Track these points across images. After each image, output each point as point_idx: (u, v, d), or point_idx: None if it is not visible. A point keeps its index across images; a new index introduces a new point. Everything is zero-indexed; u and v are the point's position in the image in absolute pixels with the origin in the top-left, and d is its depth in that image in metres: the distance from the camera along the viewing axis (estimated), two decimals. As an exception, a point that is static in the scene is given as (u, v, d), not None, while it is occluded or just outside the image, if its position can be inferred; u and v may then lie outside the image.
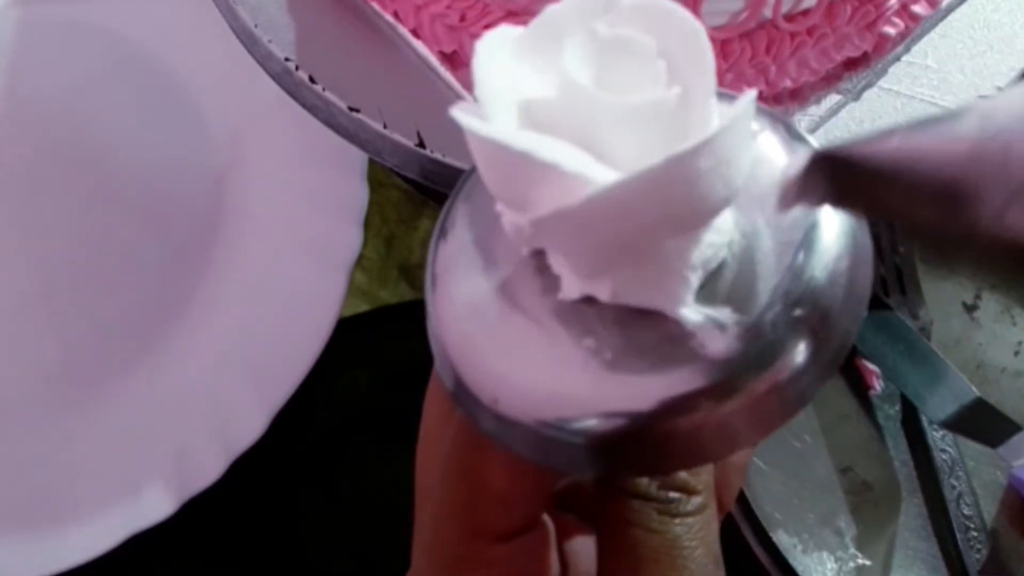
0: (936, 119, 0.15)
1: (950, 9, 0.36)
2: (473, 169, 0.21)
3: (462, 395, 0.19)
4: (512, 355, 0.19)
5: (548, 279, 0.19)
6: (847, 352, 0.19)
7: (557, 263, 0.19)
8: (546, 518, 0.22)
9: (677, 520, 0.21)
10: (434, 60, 0.34)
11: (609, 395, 0.18)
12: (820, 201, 0.18)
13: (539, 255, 0.19)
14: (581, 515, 0.24)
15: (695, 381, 0.18)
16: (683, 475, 0.21)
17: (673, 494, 0.21)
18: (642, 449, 0.18)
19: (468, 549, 0.21)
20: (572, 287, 0.19)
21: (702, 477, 0.21)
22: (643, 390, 0.18)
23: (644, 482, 0.21)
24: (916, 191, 0.15)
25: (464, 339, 0.19)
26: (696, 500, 0.21)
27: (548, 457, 0.19)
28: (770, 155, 0.19)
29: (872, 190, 0.16)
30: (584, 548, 0.23)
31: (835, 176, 0.17)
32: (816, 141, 0.20)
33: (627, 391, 0.18)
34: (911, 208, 0.16)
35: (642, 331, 0.18)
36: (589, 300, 0.18)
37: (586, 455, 0.18)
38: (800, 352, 0.18)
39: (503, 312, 0.19)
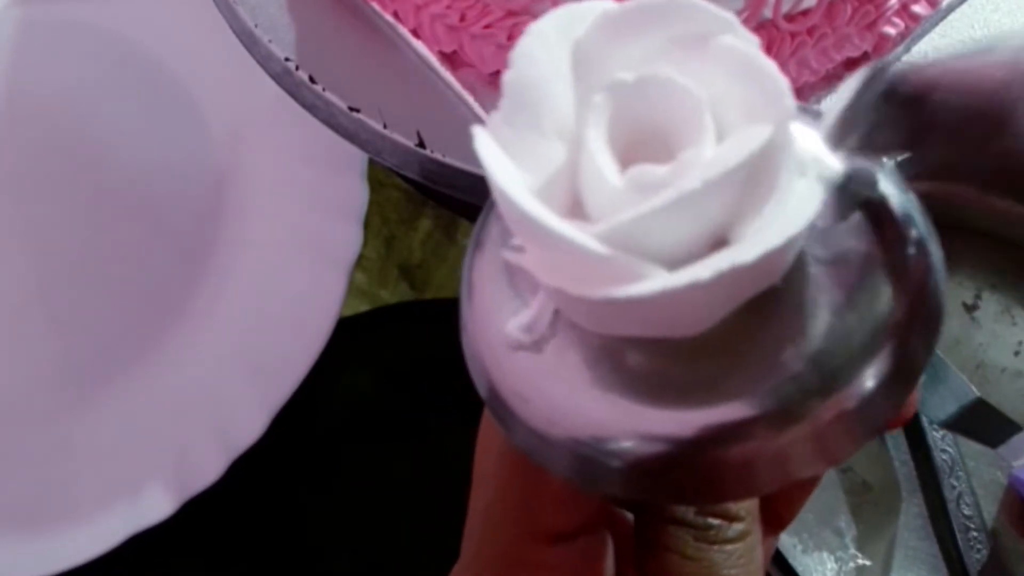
0: (974, 49, 0.15)
1: (950, 9, 0.36)
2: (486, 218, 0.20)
3: (496, 405, 0.18)
4: (547, 370, 0.17)
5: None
6: (921, 374, 0.17)
7: None
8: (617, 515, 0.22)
9: (716, 547, 0.20)
10: (434, 60, 0.34)
11: (650, 418, 0.17)
12: (871, 129, 0.17)
13: None
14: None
15: (748, 408, 0.16)
16: None
17: (713, 520, 0.20)
18: (685, 477, 0.17)
19: (523, 550, 0.20)
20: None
21: (745, 503, 0.20)
22: (689, 415, 0.16)
23: (682, 508, 0.20)
24: (964, 106, 0.15)
25: (498, 351, 0.18)
26: (738, 527, 0.20)
27: (583, 477, 0.18)
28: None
29: (923, 107, 0.16)
30: None
31: (887, 95, 0.16)
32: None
33: (671, 415, 0.16)
34: (959, 126, 0.15)
35: (689, 357, 0.17)
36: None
37: (623, 478, 0.17)
38: (870, 377, 0.16)
39: (538, 341, 0.18)
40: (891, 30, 0.35)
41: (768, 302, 0.16)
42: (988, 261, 0.46)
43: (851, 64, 0.35)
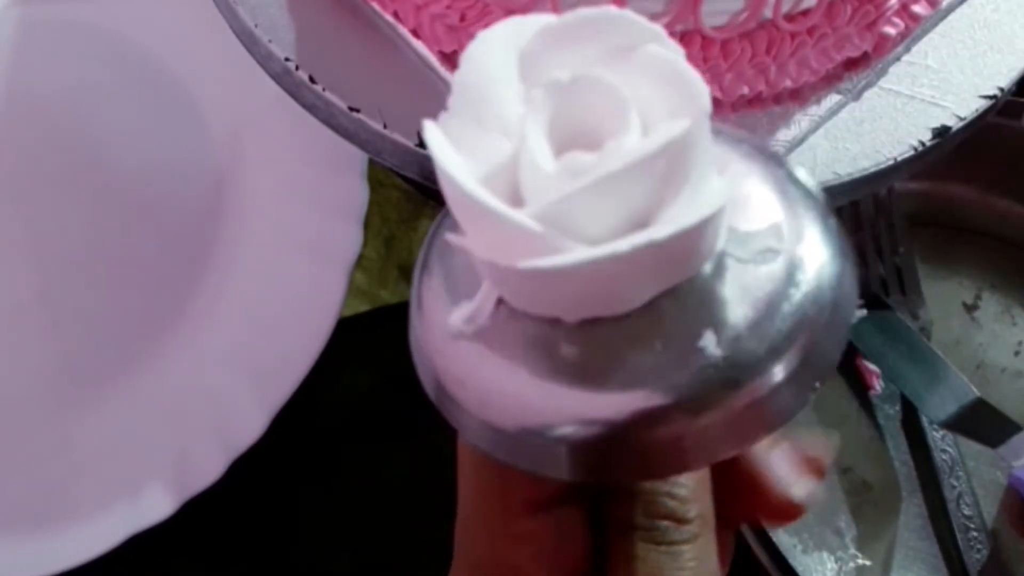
0: None
1: (950, 9, 0.36)
2: (441, 220, 0.22)
3: (446, 405, 0.20)
4: (489, 362, 0.19)
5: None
6: (831, 371, 0.19)
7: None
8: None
9: (663, 547, 0.20)
10: (434, 60, 0.34)
11: (580, 403, 0.18)
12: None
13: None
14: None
15: (666, 395, 0.18)
16: (671, 504, 0.21)
17: (660, 522, 0.21)
18: (622, 456, 0.18)
19: (500, 523, 0.21)
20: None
21: (694, 506, 0.21)
22: (614, 400, 0.18)
23: (631, 510, 0.21)
24: None
25: (445, 352, 0.20)
26: (687, 529, 0.21)
27: (535, 464, 0.19)
28: (756, 198, 0.20)
29: None
30: None
31: None
32: (813, 179, 0.20)
33: (599, 399, 0.18)
34: None
35: (617, 345, 0.18)
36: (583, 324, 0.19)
37: (567, 462, 0.19)
38: (778, 372, 0.18)
39: (479, 332, 0.19)
40: (891, 30, 0.35)
41: (688, 295, 0.18)
42: (988, 261, 0.46)
43: (851, 64, 0.35)
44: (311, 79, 0.34)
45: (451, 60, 0.34)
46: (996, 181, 0.46)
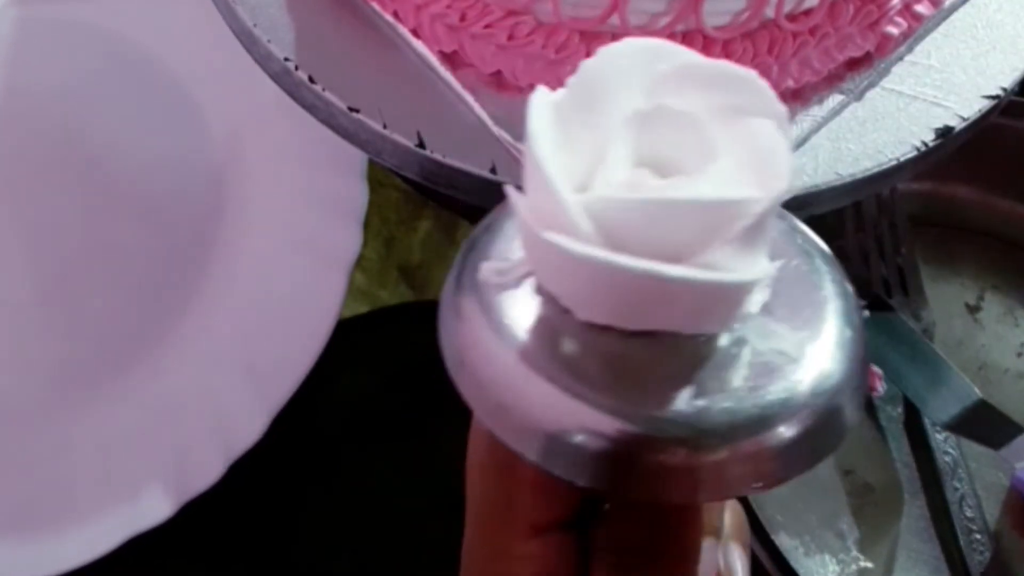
0: None
1: (953, 9, 0.36)
2: (475, 237, 0.22)
3: (477, 400, 0.21)
4: (510, 356, 0.20)
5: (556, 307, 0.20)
6: (831, 450, 0.19)
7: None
8: None
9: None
10: (434, 60, 0.34)
11: (601, 419, 0.19)
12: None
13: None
14: None
15: (677, 429, 0.18)
16: (640, 535, 0.21)
17: (628, 553, 0.21)
18: (626, 473, 0.19)
19: (503, 544, 0.22)
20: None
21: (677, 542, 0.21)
22: (633, 423, 0.18)
23: (609, 534, 0.21)
24: None
25: (476, 346, 0.20)
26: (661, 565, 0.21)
27: (548, 463, 0.19)
28: (791, 295, 0.20)
29: None
30: None
31: None
32: (821, 240, 0.21)
33: (617, 420, 0.18)
34: None
35: (618, 359, 0.19)
36: (595, 328, 0.19)
37: (577, 468, 0.19)
38: (770, 440, 0.19)
39: (517, 335, 0.20)
40: (894, 30, 0.34)
41: (693, 346, 0.19)
42: (991, 262, 0.46)
43: (854, 64, 0.35)
44: (311, 79, 0.34)
45: (451, 60, 0.34)
46: (999, 181, 0.46)
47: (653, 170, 0.19)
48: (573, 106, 0.19)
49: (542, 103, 0.19)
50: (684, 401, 0.18)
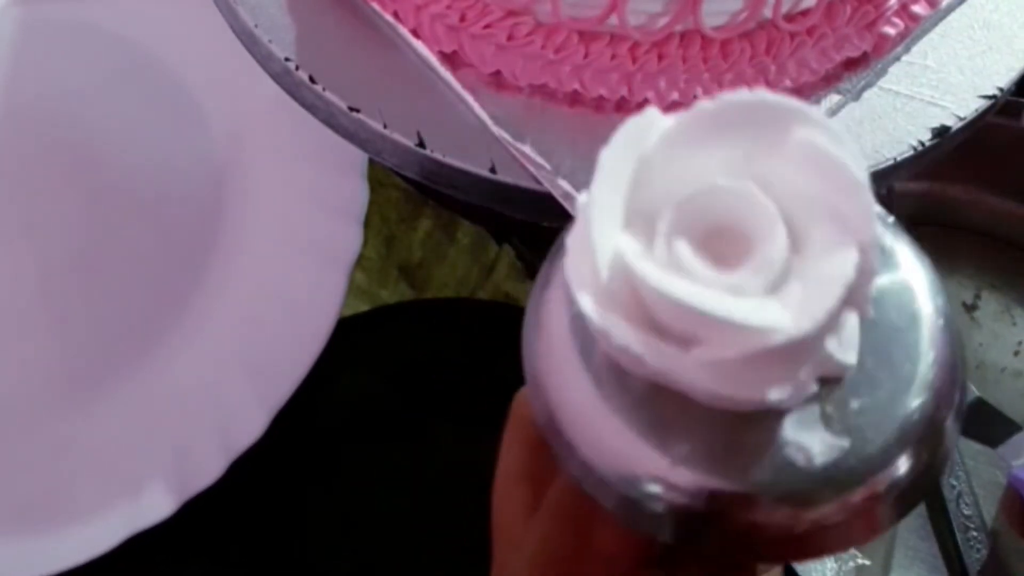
0: None
1: (950, 9, 0.36)
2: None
3: (552, 433, 0.19)
4: (596, 404, 0.18)
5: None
6: (949, 458, 0.19)
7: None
8: None
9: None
10: (434, 60, 0.34)
11: (687, 476, 0.18)
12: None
13: None
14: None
15: (785, 484, 0.17)
16: None
17: None
18: (721, 533, 0.18)
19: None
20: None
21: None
22: (724, 480, 0.18)
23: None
24: None
25: (562, 382, 0.19)
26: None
27: (626, 514, 0.19)
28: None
29: None
30: None
31: None
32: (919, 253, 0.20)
33: (707, 478, 0.18)
34: None
35: (734, 424, 0.18)
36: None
37: (659, 523, 0.18)
38: (902, 467, 0.18)
39: (598, 370, 0.19)
40: (891, 30, 0.35)
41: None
42: (988, 261, 0.46)
43: (851, 64, 0.35)
44: (311, 79, 0.34)
45: (451, 60, 0.34)
46: (995, 181, 0.46)
47: (721, 245, 0.17)
48: (672, 143, 0.18)
49: (636, 129, 0.17)
50: (779, 459, 0.17)
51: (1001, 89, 0.35)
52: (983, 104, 0.34)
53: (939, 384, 0.18)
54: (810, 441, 0.18)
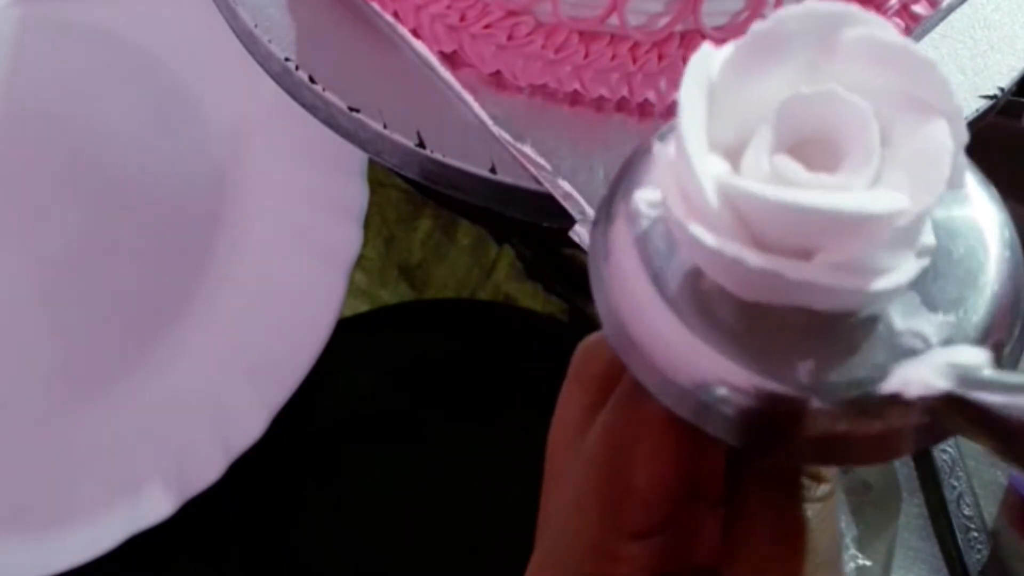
0: None
1: (950, 9, 0.36)
2: (631, 159, 0.21)
3: (626, 348, 0.20)
4: (664, 315, 0.19)
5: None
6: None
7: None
8: None
9: (806, 505, 0.21)
10: (434, 60, 0.34)
11: (738, 374, 0.18)
12: (942, 428, 0.18)
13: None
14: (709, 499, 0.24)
15: (814, 395, 0.18)
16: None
17: (804, 480, 0.21)
18: (783, 437, 0.18)
19: (604, 543, 0.22)
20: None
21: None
22: (774, 385, 0.18)
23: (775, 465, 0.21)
24: None
25: (631, 302, 0.20)
26: (824, 488, 0.21)
27: (699, 419, 0.19)
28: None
29: (994, 436, 0.17)
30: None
31: (965, 414, 0.17)
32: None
33: (758, 380, 0.18)
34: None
35: (777, 330, 0.18)
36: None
37: (732, 427, 0.19)
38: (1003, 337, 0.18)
39: (674, 289, 0.19)
40: (891, 30, 0.35)
41: (853, 327, 0.18)
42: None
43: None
44: (311, 79, 0.34)
45: (451, 60, 0.34)
46: (996, 181, 0.46)
47: (805, 156, 0.18)
48: (736, 69, 0.18)
49: (700, 64, 0.18)
50: (897, 351, 0.18)
51: (1002, 89, 0.35)
52: (984, 104, 0.34)
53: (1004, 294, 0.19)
54: (920, 325, 0.18)
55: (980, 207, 0.21)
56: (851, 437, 0.18)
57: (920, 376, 0.18)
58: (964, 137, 0.18)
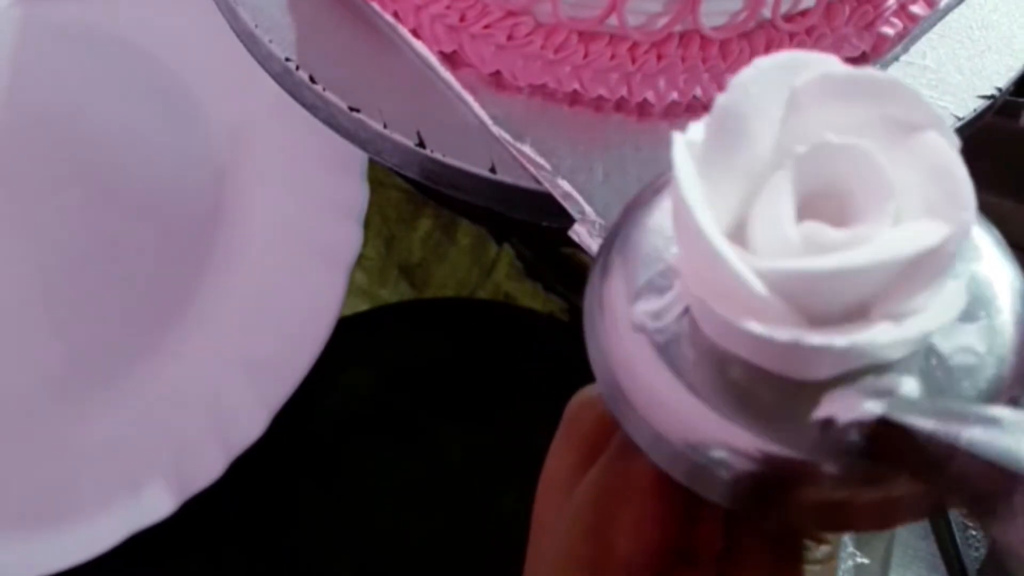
0: (1007, 429, 0.15)
1: (948, 9, 0.36)
2: (628, 211, 0.21)
3: (617, 400, 0.20)
4: (662, 369, 0.19)
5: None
6: None
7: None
8: None
9: (807, 566, 0.21)
10: (434, 60, 0.34)
11: (741, 436, 0.18)
12: (864, 448, 0.18)
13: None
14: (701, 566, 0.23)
15: (821, 460, 0.17)
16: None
17: (806, 540, 0.21)
18: (780, 502, 0.18)
19: None
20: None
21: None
22: (772, 446, 0.17)
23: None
24: (962, 488, 0.16)
25: (625, 348, 0.19)
26: (825, 549, 0.21)
27: (692, 480, 0.19)
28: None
29: (922, 465, 0.16)
30: None
31: (897, 442, 0.17)
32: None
33: (758, 440, 0.18)
34: (948, 491, 0.16)
35: (789, 400, 0.18)
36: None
37: (727, 490, 0.18)
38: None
39: (660, 330, 0.19)
40: (889, 30, 0.35)
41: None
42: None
43: (850, 64, 0.35)
44: (311, 79, 0.34)
45: (451, 60, 0.34)
46: (994, 181, 0.46)
47: (823, 216, 0.17)
48: (715, 147, 0.18)
49: (683, 148, 0.17)
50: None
51: (1000, 89, 0.35)
52: (982, 104, 0.35)
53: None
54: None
55: (991, 261, 0.20)
56: (852, 503, 0.18)
57: (851, 400, 0.17)
58: (956, 142, 0.17)
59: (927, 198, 0.17)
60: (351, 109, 0.34)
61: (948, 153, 0.17)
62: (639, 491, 0.21)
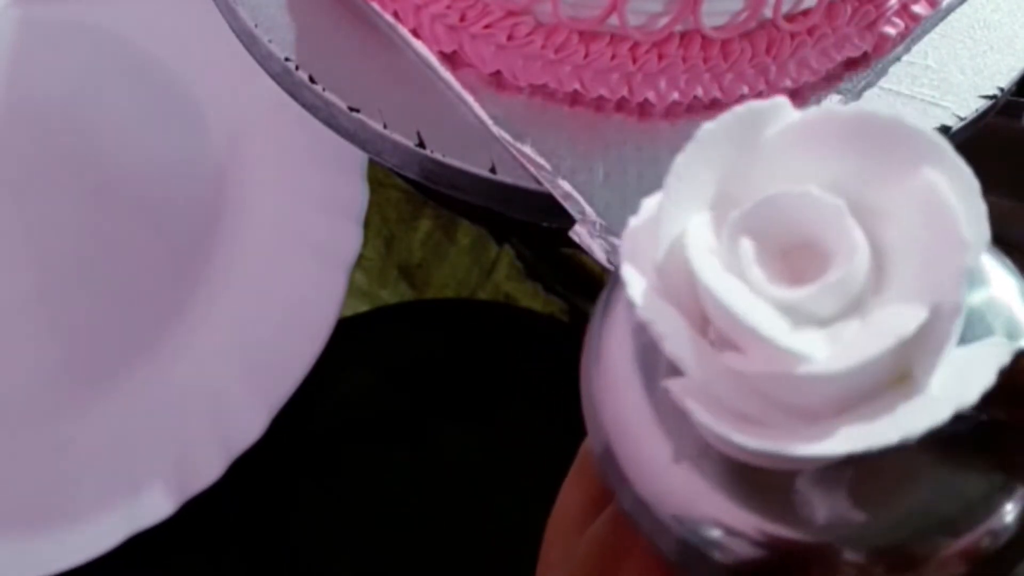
0: None
1: (950, 9, 0.36)
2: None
3: (610, 468, 0.19)
4: (658, 445, 0.17)
5: None
6: None
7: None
8: None
9: None
10: (434, 60, 0.34)
11: (740, 517, 0.17)
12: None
13: None
14: None
15: (828, 539, 0.16)
16: None
17: None
18: None
19: None
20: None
21: None
22: (772, 526, 0.16)
23: None
24: None
25: (618, 415, 0.18)
26: None
27: (683, 560, 0.18)
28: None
29: None
30: None
31: None
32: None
33: (758, 520, 0.16)
34: None
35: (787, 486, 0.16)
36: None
37: (717, 569, 0.17)
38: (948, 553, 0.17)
39: (657, 408, 0.18)
40: (891, 30, 0.35)
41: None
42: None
43: (851, 64, 0.35)
44: (311, 79, 0.34)
45: (451, 60, 0.34)
46: (996, 181, 0.46)
47: (792, 253, 0.16)
48: (676, 208, 0.16)
49: (698, 241, 0.15)
50: (873, 508, 0.16)
51: (1002, 89, 0.35)
52: (984, 104, 0.34)
53: None
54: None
55: (1000, 284, 0.18)
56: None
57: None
58: (946, 335, 0.15)
59: (921, 259, 0.15)
60: (351, 109, 0.33)
61: (942, 188, 0.15)
62: (643, 547, 0.20)
